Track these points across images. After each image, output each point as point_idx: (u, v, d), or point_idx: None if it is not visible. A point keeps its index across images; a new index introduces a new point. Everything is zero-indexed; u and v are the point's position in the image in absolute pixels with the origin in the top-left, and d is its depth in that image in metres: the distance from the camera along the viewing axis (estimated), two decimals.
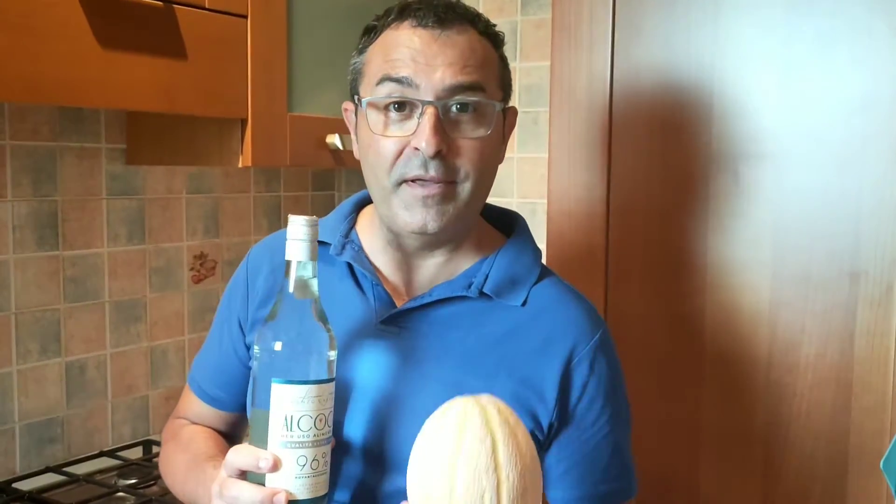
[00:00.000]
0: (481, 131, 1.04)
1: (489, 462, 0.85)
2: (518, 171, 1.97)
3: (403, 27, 1.06)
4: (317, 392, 0.94)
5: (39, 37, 1.16)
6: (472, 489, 0.85)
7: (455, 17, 1.05)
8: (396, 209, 1.05)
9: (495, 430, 0.87)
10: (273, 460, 0.93)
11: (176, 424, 1.27)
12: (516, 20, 1.95)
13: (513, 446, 0.87)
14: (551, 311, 1.11)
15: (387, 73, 1.04)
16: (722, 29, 1.65)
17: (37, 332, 1.59)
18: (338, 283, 1.13)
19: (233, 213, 1.94)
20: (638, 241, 1.76)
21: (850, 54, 1.56)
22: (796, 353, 1.62)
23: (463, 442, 0.86)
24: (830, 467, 1.60)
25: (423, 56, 1.03)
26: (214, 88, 1.42)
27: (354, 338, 1.09)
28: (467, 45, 1.05)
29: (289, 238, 0.97)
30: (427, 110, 1.01)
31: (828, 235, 1.59)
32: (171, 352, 1.83)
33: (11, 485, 1.52)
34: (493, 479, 0.85)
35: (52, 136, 1.59)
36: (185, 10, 1.34)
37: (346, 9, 1.67)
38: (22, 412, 1.57)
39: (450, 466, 0.86)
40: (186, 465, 1.15)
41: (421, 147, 1.01)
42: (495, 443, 0.86)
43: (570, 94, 1.79)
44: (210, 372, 1.24)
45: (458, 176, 1.04)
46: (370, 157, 1.07)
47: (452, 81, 1.02)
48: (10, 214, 1.53)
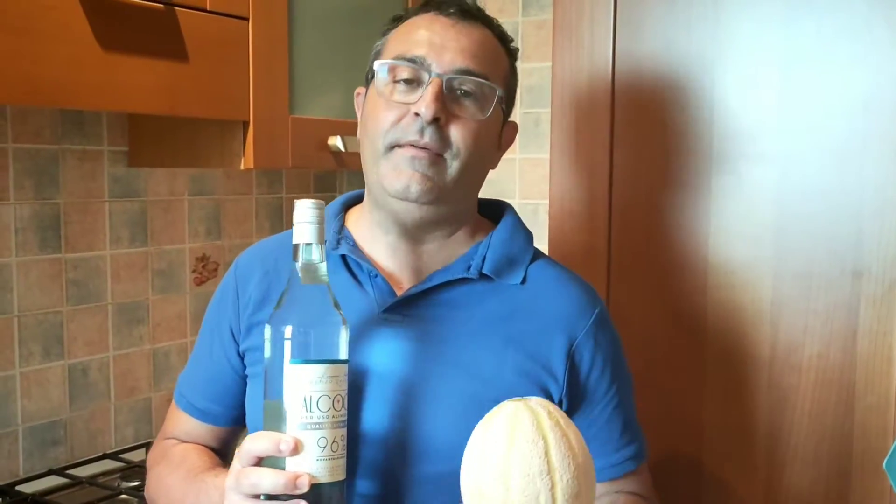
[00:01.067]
0: (479, 115, 1.08)
1: (542, 464, 0.86)
2: (520, 172, 1.97)
3: (426, 16, 1.12)
4: (334, 371, 0.95)
5: (41, 40, 1.16)
6: (527, 491, 0.86)
7: (477, 15, 1.12)
8: (384, 171, 1.07)
9: (546, 432, 0.88)
10: (294, 442, 0.92)
11: (163, 446, 1.24)
12: (517, 21, 1.96)
13: (565, 448, 0.88)
14: (551, 290, 1.14)
15: (402, 52, 1.09)
16: (722, 28, 1.66)
17: (39, 335, 1.59)
18: (333, 277, 1.13)
19: (235, 215, 1.94)
20: (640, 241, 1.76)
21: (851, 52, 1.56)
22: (798, 352, 1.62)
23: (514, 445, 0.87)
24: (833, 466, 1.60)
25: (440, 38, 1.08)
26: (216, 90, 1.42)
27: (359, 329, 1.09)
28: (483, 39, 1.11)
29: (296, 222, 0.98)
30: (433, 81, 1.06)
31: (830, 234, 1.59)
32: (174, 354, 1.83)
33: (14, 487, 1.52)
34: (548, 482, 0.86)
35: (55, 138, 1.59)
36: (186, 13, 1.34)
37: (347, 11, 1.67)
38: (25, 415, 1.57)
39: (503, 470, 0.87)
40: (183, 482, 1.13)
41: (421, 111, 1.04)
42: (547, 445, 0.87)
43: (572, 94, 1.79)
44: (201, 385, 1.22)
45: (449, 149, 1.06)
46: (369, 124, 1.10)
47: (461, 65, 1.07)
48: (12, 217, 1.53)
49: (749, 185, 1.65)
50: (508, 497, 0.86)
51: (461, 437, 0.92)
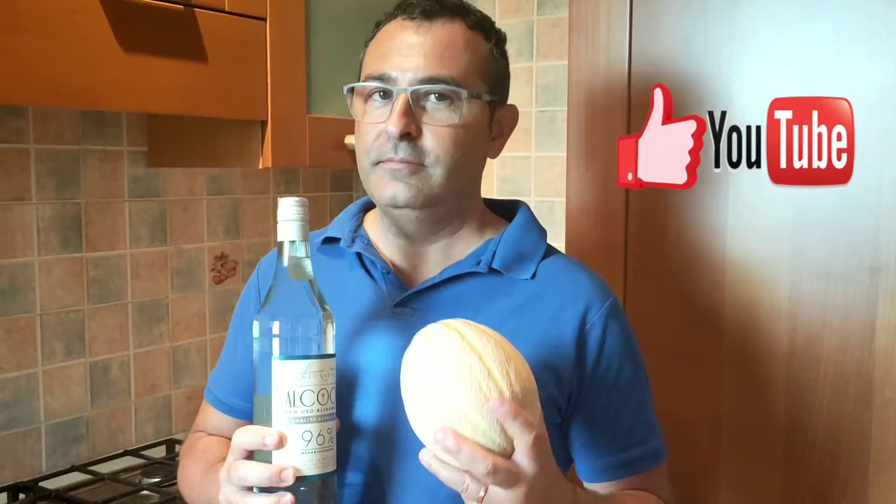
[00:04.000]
0: (453, 118, 1.07)
1: (462, 344, 0.90)
2: (535, 170, 1.98)
3: (395, 21, 1.11)
4: (318, 367, 0.96)
5: (62, 42, 1.17)
6: (463, 374, 0.89)
7: (442, 10, 1.10)
8: (373, 186, 1.09)
9: (452, 325, 0.93)
10: (278, 436, 0.94)
11: (192, 439, 1.27)
12: (532, 19, 1.96)
13: (475, 330, 0.93)
14: (561, 281, 1.14)
15: (372, 70, 1.10)
16: (739, 24, 1.65)
17: (61, 333, 1.61)
18: (348, 272, 1.15)
19: (253, 214, 1.95)
20: (656, 238, 1.76)
21: (868, 48, 1.55)
22: (817, 348, 1.62)
23: (432, 346, 0.92)
24: (852, 461, 1.60)
25: (405, 47, 1.08)
26: (234, 91, 1.43)
27: (368, 323, 1.11)
28: (447, 37, 1.08)
29: (280, 220, 0.99)
30: (399, 96, 1.06)
31: (847, 229, 1.58)
32: (193, 351, 1.85)
33: (38, 483, 1.54)
34: (473, 355, 0.90)
35: (75, 139, 1.61)
36: (205, 14, 1.36)
37: (363, 10, 1.67)
38: (47, 412, 1.59)
39: (434, 372, 0.90)
40: (202, 473, 1.16)
41: (388, 130, 1.05)
42: (459, 332, 0.92)
43: (588, 92, 1.79)
44: (228, 382, 1.24)
45: (426, 159, 1.07)
46: (356, 141, 1.13)
47: (424, 73, 1.06)
48: (34, 217, 1.55)
49: (766, 180, 1.64)
50: (451, 392, 0.89)
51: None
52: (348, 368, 1.09)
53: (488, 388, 0.89)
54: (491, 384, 0.89)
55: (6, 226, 1.52)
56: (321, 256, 1.18)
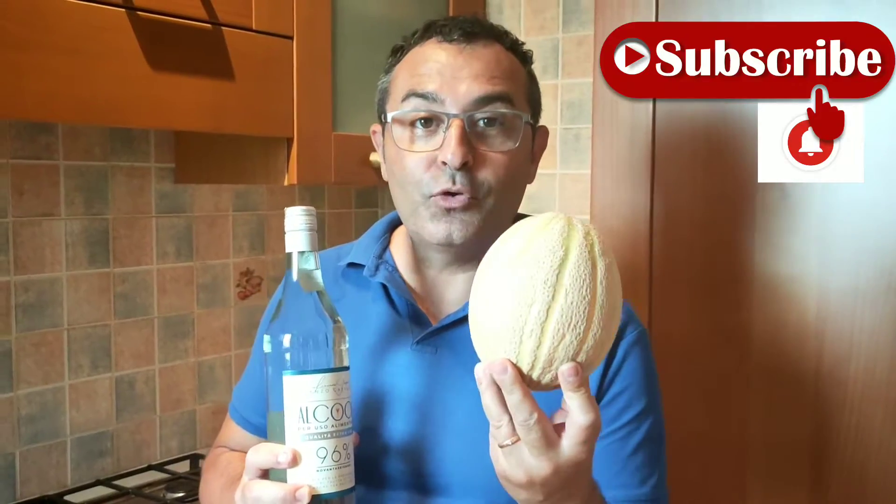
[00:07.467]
0: (509, 144, 1.04)
1: (550, 275, 0.76)
2: (560, 187, 1.97)
3: (429, 44, 1.06)
4: (331, 380, 0.93)
5: (92, 60, 1.19)
6: (523, 294, 0.77)
7: (481, 32, 1.06)
8: (424, 222, 1.04)
9: (571, 247, 0.78)
10: (292, 454, 0.91)
11: (215, 454, 1.26)
12: (557, 37, 1.96)
13: (584, 273, 0.76)
14: None
15: (412, 88, 1.04)
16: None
17: (88, 348, 1.62)
18: (371, 304, 1.13)
19: (278, 231, 1.96)
20: (682, 256, 1.75)
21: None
22: (845, 368, 1.60)
23: (533, 244, 0.78)
24: (880, 483, 1.57)
25: (449, 69, 1.03)
26: (261, 108, 1.44)
27: (390, 357, 1.09)
28: (493, 57, 1.05)
29: (287, 230, 0.97)
30: (453, 123, 1.01)
31: (875, 249, 1.57)
32: (218, 367, 1.86)
33: (63, 497, 1.55)
34: (548, 294, 0.76)
35: (104, 155, 1.62)
36: (232, 32, 1.37)
37: (389, 29, 1.68)
38: (73, 426, 1.61)
39: (510, 264, 0.79)
40: (222, 488, 1.14)
41: (447, 159, 1.00)
42: (566, 259, 0.77)
43: (613, 110, 1.79)
44: (250, 398, 1.23)
45: (480, 190, 1.03)
46: (397, 173, 1.07)
47: (479, 93, 1.02)
48: (63, 232, 1.57)
49: (794, 200, 1.63)
50: (506, 292, 0.78)
51: (476, 470, 0.93)
52: (372, 397, 1.07)
53: (571, 340, 0.76)
54: (576, 338, 0.77)
55: (35, 241, 1.53)
56: (345, 284, 1.16)
